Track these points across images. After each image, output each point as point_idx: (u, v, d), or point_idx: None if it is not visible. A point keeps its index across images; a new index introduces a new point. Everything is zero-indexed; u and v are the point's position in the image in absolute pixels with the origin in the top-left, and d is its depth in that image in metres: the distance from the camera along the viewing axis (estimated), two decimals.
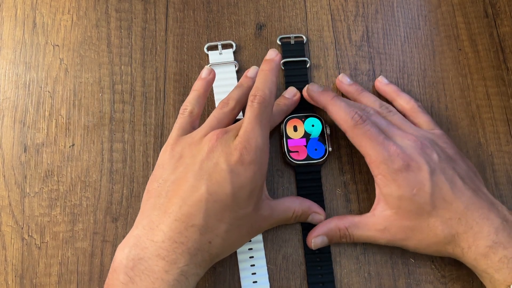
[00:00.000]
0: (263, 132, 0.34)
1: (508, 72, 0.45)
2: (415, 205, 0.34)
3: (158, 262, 0.30)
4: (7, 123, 0.42)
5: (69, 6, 0.45)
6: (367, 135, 0.36)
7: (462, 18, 0.47)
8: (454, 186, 0.34)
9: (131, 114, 0.42)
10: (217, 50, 0.44)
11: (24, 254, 0.38)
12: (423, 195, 0.34)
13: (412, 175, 0.34)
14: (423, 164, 0.35)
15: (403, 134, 0.37)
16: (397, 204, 0.35)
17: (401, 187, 0.34)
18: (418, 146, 0.35)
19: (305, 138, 0.40)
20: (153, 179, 0.34)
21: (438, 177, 0.34)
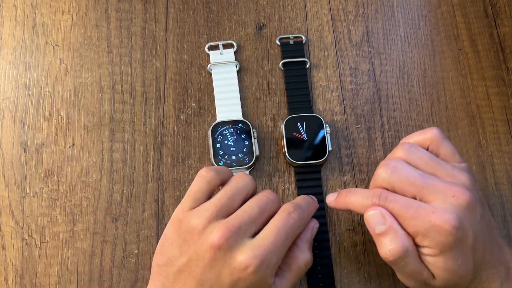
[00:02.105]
0: (281, 251, 0.30)
1: (508, 72, 0.45)
2: (459, 276, 0.31)
3: None
4: (7, 123, 0.42)
5: (69, 6, 0.45)
6: (395, 210, 0.31)
7: (462, 18, 0.47)
8: (485, 245, 0.31)
9: (131, 114, 0.42)
10: (218, 50, 0.44)
11: (24, 254, 0.38)
12: (466, 266, 0.30)
13: (458, 245, 0.30)
14: (469, 230, 0.30)
15: (443, 189, 0.30)
16: (442, 274, 0.31)
17: (448, 259, 0.30)
18: (463, 205, 0.30)
19: (305, 138, 0.40)
20: (161, 251, 0.32)
21: (477, 242, 0.30)
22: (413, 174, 0.31)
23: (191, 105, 0.43)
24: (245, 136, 0.40)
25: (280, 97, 0.43)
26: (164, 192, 0.40)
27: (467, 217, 0.30)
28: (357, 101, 0.43)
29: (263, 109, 0.43)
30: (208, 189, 0.33)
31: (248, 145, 0.40)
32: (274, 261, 0.30)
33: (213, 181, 0.33)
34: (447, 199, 0.30)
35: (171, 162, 0.41)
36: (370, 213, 0.32)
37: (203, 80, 0.44)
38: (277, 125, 0.42)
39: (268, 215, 0.32)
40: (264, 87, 0.44)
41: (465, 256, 0.30)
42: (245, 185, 0.33)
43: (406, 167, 0.32)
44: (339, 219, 0.40)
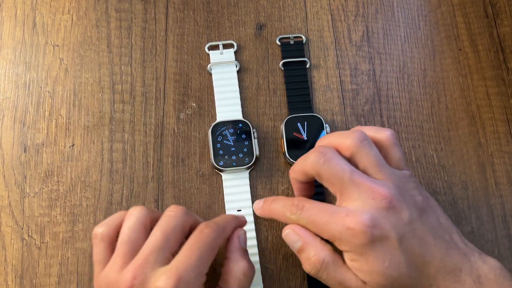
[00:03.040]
0: (199, 266, 0.29)
1: (508, 72, 0.45)
2: (390, 279, 0.29)
3: None
4: (7, 123, 0.42)
5: (69, 6, 0.45)
6: (311, 219, 0.31)
7: (462, 18, 0.47)
8: (426, 249, 0.30)
9: (131, 114, 0.42)
10: (218, 50, 0.44)
11: (24, 255, 0.38)
12: (396, 267, 0.29)
13: (379, 245, 0.29)
14: (389, 230, 0.29)
15: (366, 189, 0.30)
16: (370, 278, 0.30)
17: (369, 261, 0.29)
18: (383, 206, 0.30)
19: (305, 138, 0.40)
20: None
21: (408, 243, 0.30)
22: (344, 169, 0.30)
23: (191, 105, 0.43)
24: (245, 136, 0.40)
25: (280, 97, 0.43)
26: (164, 192, 0.40)
27: (387, 218, 0.29)
28: (357, 101, 0.43)
29: (263, 109, 0.43)
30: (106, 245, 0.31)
31: (248, 145, 0.40)
32: (193, 278, 0.28)
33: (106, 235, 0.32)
34: (366, 200, 0.30)
35: (171, 162, 0.41)
36: (285, 233, 0.33)
37: (203, 80, 0.43)
38: (277, 125, 0.42)
39: (179, 231, 0.31)
40: (264, 87, 0.44)
41: (392, 258, 0.29)
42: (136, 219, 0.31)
43: (340, 160, 0.31)
44: None
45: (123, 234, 0.31)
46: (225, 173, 0.40)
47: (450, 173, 0.42)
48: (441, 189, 0.41)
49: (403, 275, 0.29)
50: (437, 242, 0.30)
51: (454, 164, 0.42)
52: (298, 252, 0.32)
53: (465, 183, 0.41)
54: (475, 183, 0.41)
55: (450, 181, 0.41)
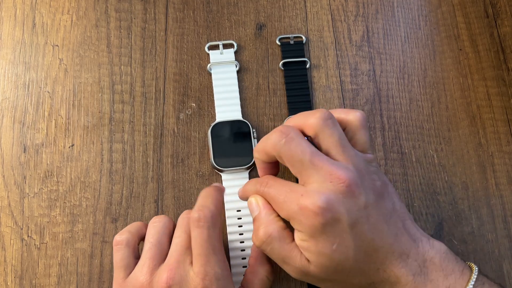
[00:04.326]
0: (218, 257, 0.30)
1: (509, 72, 0.45)
2: (335, 261, 0.30)
3: None
4: (6, 123, 0.42)
5: (69, 6, 0.45)
6: (271, 195, 0.31)
7: (463, 18, 0.47)
8: (377, 235, 0.30)
9: (130, 114, 0.42)
10: (218, 50, 0.44)
11: (24, 255, 0.38)
12: (343, 251, 0.29)
13: (329, 228, 0.29)
14: (342, 214, 0.29)
15: (326, 172, 0.30)
16: (316, 258, 0.30)
17: (319, 243, 0.29)
18: (340, 190, 0.29)
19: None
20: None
21: (360, 228, 0.29)
22: (304, 151, 0.30)
23: (191, 105, 0.43)
24: (245, 136, 0.40)
25: (280, 97, 0.43)
26: (164, 192, 0.40)
27: (342, 202, 0.29)
28: (357, 101, 0.43)
29: (263, 109, 0.43)
30: (130, 251, 0.33)
31: (248, 145, 0.40)
32: (219, 271, 0.30)
33: (130, 241, 0.33)
34: (323, 183, 0.29)
35: (171, 163, 0.41)
36: (248, 200, 0.33)
37: (203, 80, 0.43)
38: (277, 125, 0.42)
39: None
40: (264, 87, 0.43)
41: (341, 242, 0.29)
42: (163, 224, 0.33)
43: (301, 141, 0.30)
44: None
45: (151, 238, 0.32)
46: (224, 174, 0.40)
47: (451, 173, 0.41)
48: (441, 189, 0.41)
49: (349, 259, 0.30)
50: (389, 228, 0.30)
51: (455, 164, 0.42)
52: (253, 220, 0.33)
53: (466, 183, 0.41)
54: (475, 184, 0.41)
55: (451, 181, 0.41)
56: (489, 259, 0.39)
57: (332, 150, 0.31)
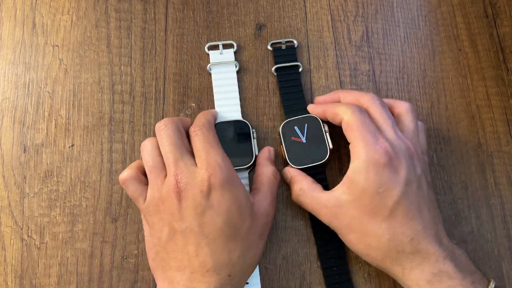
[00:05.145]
0: (218, 151, 0.34)
1: (508, 72, 0.45)
2: (374, 203, 0.33)
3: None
4: (6, 123, 0.42)
5: (69, 6, 0.45)
6: (361, 120, 0.34)
7: (462, 18, 0.47)
8: (421, 206, 0.33)
9: (130, 114, 0.42)
10: (218, 50, 0.44)
11: (24, 255, 0.38)
12: (387, 198, 0.32)
13: (387, 173, 0.33)
14: (403, 168, 0.33)
15: (398, 135, 0.35)
16: (358, 194, 0.33)
17: (369, 180, 0.33)
18: (408, 153, 0.34)
19: (304, 141, 0.40)
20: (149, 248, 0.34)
21: (411, 189, 0.33)
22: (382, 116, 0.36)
23: (190, 105, 0.43)
24: (245, 137, 0.40)
25: (280, 98, 0.43)
26: None
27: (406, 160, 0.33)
28: None
29: (263, 109, 0.43)
30: (137, 181, 0.35)
31: (248, 146, 0.40)
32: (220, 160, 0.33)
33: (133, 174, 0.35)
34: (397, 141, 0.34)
35: None
36: (282, 171, 0.39)
37: (202, 80, 0.43)
38: (277, 125, 0.42)
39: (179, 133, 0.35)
40: (264, 88, 0.44)
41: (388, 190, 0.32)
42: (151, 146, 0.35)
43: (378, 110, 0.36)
44: None
45: (148, 162, 0.35)
46: None
47: (450, 173, 0.42)
48: (441, 189, 0.41)
49: (387, 208, 0.33)
50: (429, 210, 0.34)
51: (454, 164, 0.42)
52: (289, 185, 0.39)
53: (465, 183, 0.41)
54: (474, 183, 0.41)
55: (450, 181, 0.41)
56: (489, 259, 0.39)
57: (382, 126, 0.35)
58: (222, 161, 0.33)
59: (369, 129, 0.34)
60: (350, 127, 0.35)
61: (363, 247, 0.34)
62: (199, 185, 0.32)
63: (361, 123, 0.34)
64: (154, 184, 0.34)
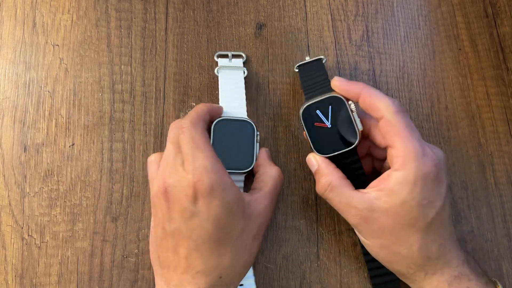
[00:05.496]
0: (206, 153, 0.32)
1: (508, 72, 0.45)
2: (413, 214, 0.31)
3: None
4: (7, 122, 0.42)
5: (69, 5, 0.45)
6: (407, 124, 0.32)
7: (462, 18, 0.47)
8: (450, 213, 0.33)
9: (131, 113, 0.42)
10: (227, 58, 0.43)
11: (24, 254, 0.38)
12: (428, 210, 0.31)
13: (432, 186, 0.31)
14: (445, 180, 0.32)
15: (430, 145, 0.33)
16: (397, 205, 0.31)
17: (414, 193, 0.31)
18: (444, 161, 0.33)
19: (329, 125, 0.35)
20: (151, 240, 0.34)
21: (447, 199, 0.32)
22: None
23: (191, 104, 0.43)
24: (248, 138, 0.38)
25: (280, 97, 0.43)
26: None
27: (445, 170, 0.33)
28: None
29: (263, 109, 0.43)
30: (156, 167, 0.35)
31: (250, 149, 0.38)
32: (207, 163, 0.31)
33: (158, 159, 0.35)
34: (435, 148, 0.33)
35: None
36: (307, 157, 0.36)
37: (203, 79, 0.43)
38: (277, 125, 0.42)
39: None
40: (264, 87, 0.44)
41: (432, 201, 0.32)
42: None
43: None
44: (339, 219, 0.40)
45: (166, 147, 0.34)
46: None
47: (450, 172, 0.42)
48: None
49: (426, 219, 0.32)
50: (450, 221, 0.34)
51: (454, 163, 0.42)
52: (314, 174, 0.36)
53: (465, 182, 0.41)
54: (474, 183, 0.41)
55: (450, 180, 0.41)
56: (489, 258, 0.39)
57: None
58: (210, 165, 0.31)
59: (416, 136, 0.32)
60: (394, 129, 0.32)
61: (388, 253, 0.33)
62: (185, 190, 0.31)
63: (407, 128, 0.32)
64: (153, 178, 0.34)
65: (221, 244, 0.31)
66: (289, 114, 0.43)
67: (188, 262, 0.31)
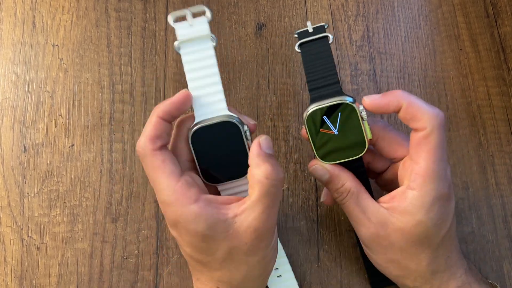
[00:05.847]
0: (161, 185, 0.29)
1: (509, 72, 0.45)
2: (427, 233, 0.31)
3: None
4: (6, 123, 0.41)
5: (69, 6, 0.45)
6: (442, 143, 0.30)
7: (463, 18, 0.47)
8: (455, 229, 0.33)
9: (130, 114, 0.42)
10: (186, 21, 0.31)
11: (24, 255, 0.38)
12: (441, 228, 0.31)
13: (445, 205, 0.31)
14: (453, 196, 0.32)
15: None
16: (412, 224, 0.30)
17: (430, 213, 0.30)
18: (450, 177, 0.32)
19: (335, 132, 0.32)
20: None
21: (454, 214, 0.32)
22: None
23: None
24: (235, 140, 0.31)
25: (280, 97, 0.43)
26: None
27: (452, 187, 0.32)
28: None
29: (263, 109, 0.43)
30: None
31: (241, 150, 0.31)
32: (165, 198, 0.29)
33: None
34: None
35: None
36: (312, 167, 0.33)
37: None
38: (277, 125, 0.42)
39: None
40: (264, 87, 0.43)
41: (445, 219, 0.31)
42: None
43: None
44: (339, 220, 0.40)
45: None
46: (221, 185, 0.33)
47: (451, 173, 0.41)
48: None
49: (439, 237, 0.31)
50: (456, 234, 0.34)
51: (455, 164, 0.42)
52: (326, 184, 0.33)
53: (466, 183, 0.41)
54: (475, 183, 0.41)
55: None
56: (490, 259, 0.39)
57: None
58: (168, 200, 0.28)
59: (444, 157, 0.31)
60: (428, 147, 0.30)
61: (396, 268, 0.32)
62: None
63: (440, 148, 0.30)
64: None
65: (206, 265, 0.30)
66: (289, 114, 0.43)
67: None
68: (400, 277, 0.33)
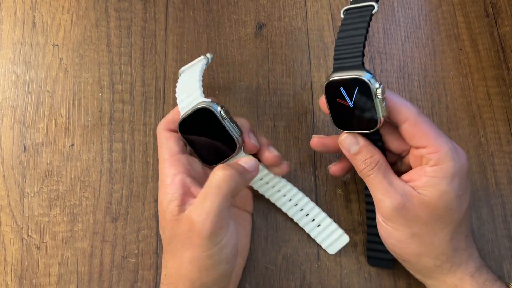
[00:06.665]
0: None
1: (509, 72, 0.45)
2: (451, 206, 0.32)
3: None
4: (6, 122, 0.42)
5: (69, 5, 0.45)
6: (431, 124, 0.32)
7: (463, 18, 0.47)
8: (468, 213, 0.34)
9: (130, 113, 0.42)
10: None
11: (24, 254, 0.38)
12: (463, 202, 0.32)
13: (465, 179, 0.32)
14: (469, 171, 0.34)
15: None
16: (436, 196, 0.31)
17: (452, 183, 0.31)
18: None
19: (351, 105, 0.32)
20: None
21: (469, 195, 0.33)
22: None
23: None
24: (215, 123, 0.33)
25: (280, 97, 0.43)
26: None
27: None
28: None
29: (263, 109, 0.43)
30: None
31: (223, 131, 0.34)
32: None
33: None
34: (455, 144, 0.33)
35: None
36: (343, 137, 0.34)
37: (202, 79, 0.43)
38: (277, 125, 0.42)
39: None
40: (264, 87, 0.43)
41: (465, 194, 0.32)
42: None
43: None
44: (339, 220, 0.40)
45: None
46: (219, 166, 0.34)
47: None
48: None
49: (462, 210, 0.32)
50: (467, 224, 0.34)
51: None
52: (354, 155, 0.34)
53: None
54: (475, 183, 0.41)
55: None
56: (489, 259, 0.39)
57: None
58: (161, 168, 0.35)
59: (443, 134, 0.32)
60: (422, 130, 0.32)
61: (419, 244, 0.33)
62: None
63: (433, 128, 0.32)
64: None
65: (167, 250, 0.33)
66: (289, 114, 0.43)
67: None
68: (422, 255, 0.33)
